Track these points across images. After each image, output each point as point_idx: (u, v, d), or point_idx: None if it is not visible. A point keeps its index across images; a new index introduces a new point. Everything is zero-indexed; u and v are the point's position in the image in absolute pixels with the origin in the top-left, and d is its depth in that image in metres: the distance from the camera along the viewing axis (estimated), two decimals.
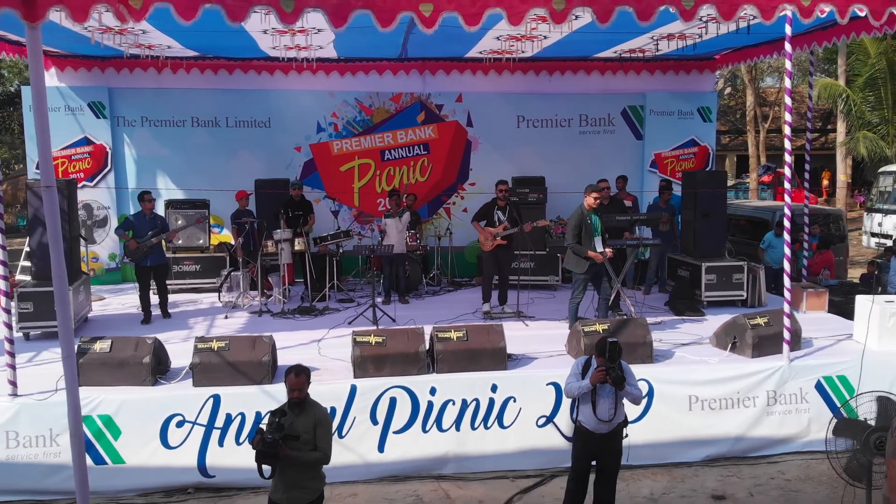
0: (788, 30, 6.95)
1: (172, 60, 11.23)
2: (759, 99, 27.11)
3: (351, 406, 6.67)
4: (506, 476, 6.71)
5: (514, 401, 6.86)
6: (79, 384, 6.45)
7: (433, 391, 6.79)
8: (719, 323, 7.99)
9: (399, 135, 12.20)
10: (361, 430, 6.68)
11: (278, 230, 9.87)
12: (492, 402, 6.84)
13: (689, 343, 8.02)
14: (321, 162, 12.13)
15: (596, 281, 8.43)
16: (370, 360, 6.83)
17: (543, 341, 7.94)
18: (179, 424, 6.53)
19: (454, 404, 6.80)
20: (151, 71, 11.48)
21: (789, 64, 7.19)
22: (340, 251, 10.32)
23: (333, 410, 6.60)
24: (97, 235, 11.63)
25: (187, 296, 10.75)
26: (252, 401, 6.56)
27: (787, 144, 7.08)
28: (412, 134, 12.23)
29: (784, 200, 7.30)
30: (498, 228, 9.20)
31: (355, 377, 6.82)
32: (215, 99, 11.81)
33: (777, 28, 6.86)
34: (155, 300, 9.42)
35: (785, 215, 7.28)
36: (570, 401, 5.76)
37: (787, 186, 7.23)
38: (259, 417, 6.45)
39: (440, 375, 6.90)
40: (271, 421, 4.56)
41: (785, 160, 7.17)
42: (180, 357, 7.22)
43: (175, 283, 10.68)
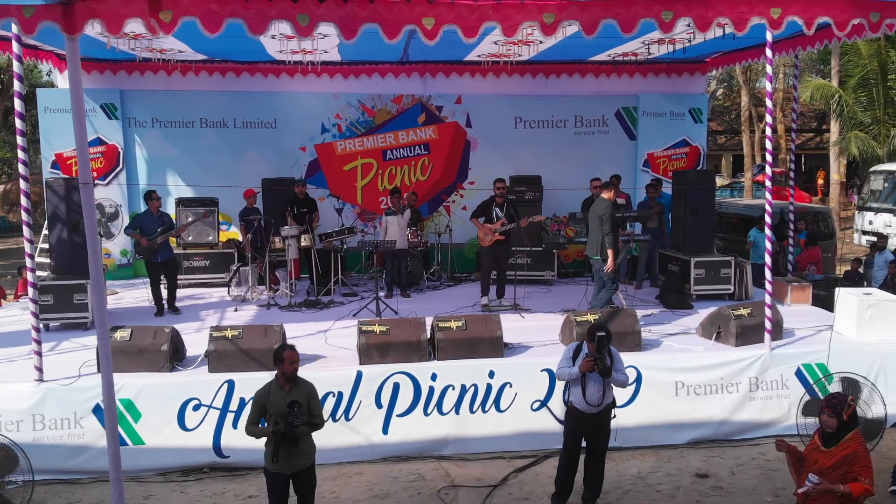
0: (769, 36, 7.33)
1: (182, 64, 11.60)
2: (755, 100, 27.50)
3: (357, 391, 7.09)
4: (502, 457, 7.14)
5: (510, 386, 7.28)
6: (100, 370, 6.91)
7: (434, 377, 7.21)
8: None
9: (400, 135, 12.58)
10: (367, 414, 7.10)
11: (285, 227, 10.29)
12: (489, 388, 7.27)
13: (677, 333, 8.45)
14: (325, 161, 12.52)
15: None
16: (375, 348, 7.25)
17: (538, 331, 8.35)
18: (196, 408, 6.95)
19: (454, 389, 7.22)
20: (162, 74, 11.87)
21: (770, 68, 7.62)
22: (345, 247, 10.74)
23: (341, 395, 7.05)
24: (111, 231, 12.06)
25: (197, 290, 11.16)
26: None
27: (769, 145, 7.53)
28: (413, 134, 12.62)
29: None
30: (496, 224, 9.60)
31: (361, 364, 7.24)
32: (223, 101, 12.20)
33: (762, 33, 7.27)
34: (164, 295, 9.81)
35: (766, 211, 7.72)
36: (563, 384, 6.19)
37: (769, 184, 7.66)
38: None
39: (440, 362, 7.31)
40: (291, 409, 5.01)
41: (767, 160, 7.60)
42: (193, 347, 7.64)
43: (185, 278, 11.10)
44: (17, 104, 6.55)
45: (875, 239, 13.37)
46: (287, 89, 12.26)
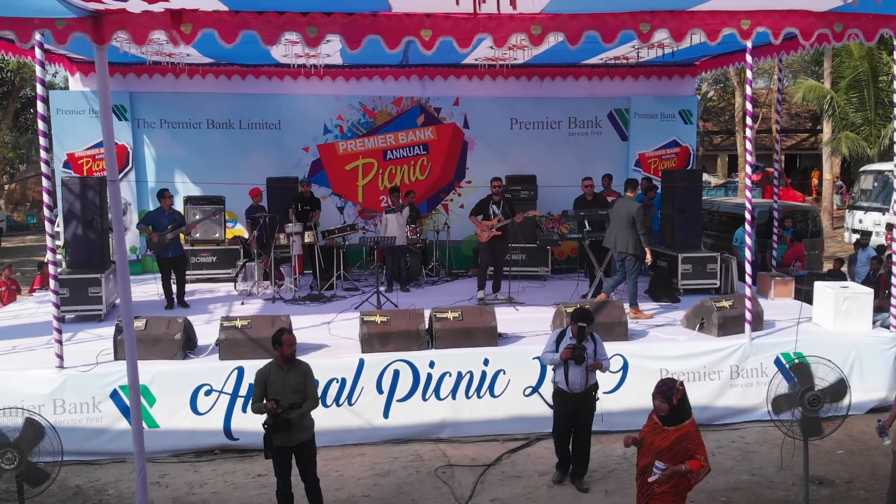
0: (748, 43, 7.78)
1: (190, 67, 11.97)
2: None
3: (359, 377, 7.52)
4: (496, 439, 7.58)
5: (504, 373, 7.71)
6: (116, 358, 7.35)
7: (432, 364, 7.64)
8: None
9: (400, 136, 12.96)
10: (368, 399, 7.53)
11: (289, 224, 10.70)
12: (484, 375, 7.70)
13: (663, 324, 8.88)
14: (328, 161, 12.91)
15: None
16: (376, 337, 7.68)
17: (531, 323, 8.77)
18: (207, 393, 7.38)
19: (450, 376, 7.66)
20: (170, 76, 12.27)
21: (750, 73, 8.03)
22: (346, 243, 11.15)
23: (344, 381, 7.47)
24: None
25: (205, 285, 11.58)
26: None
27: (749, 146, 7.93)
28: (412, 135, 12.99)
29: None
30: (493, 221, 10.02)
31: (363, 352, 7.67)
32: (229, 103, 12.57)
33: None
34: (173, 289, 10.21)
35: (746, 209, 8.14)
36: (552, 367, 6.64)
37: (750, 184, 8.08)
38: None
39: (438, 351, 7.74)
40: (283, 405, 5.45)
41: (747, 160, 8.01)
42: (203, 338, 8.08)
43: (193, 274, 11.51)
44: (41, 107, 6.97)
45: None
46: (291, 92, 12.65)
